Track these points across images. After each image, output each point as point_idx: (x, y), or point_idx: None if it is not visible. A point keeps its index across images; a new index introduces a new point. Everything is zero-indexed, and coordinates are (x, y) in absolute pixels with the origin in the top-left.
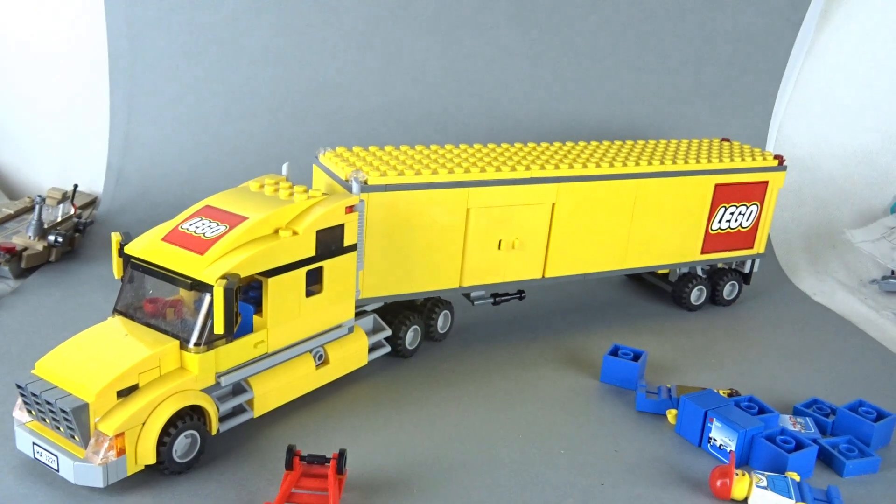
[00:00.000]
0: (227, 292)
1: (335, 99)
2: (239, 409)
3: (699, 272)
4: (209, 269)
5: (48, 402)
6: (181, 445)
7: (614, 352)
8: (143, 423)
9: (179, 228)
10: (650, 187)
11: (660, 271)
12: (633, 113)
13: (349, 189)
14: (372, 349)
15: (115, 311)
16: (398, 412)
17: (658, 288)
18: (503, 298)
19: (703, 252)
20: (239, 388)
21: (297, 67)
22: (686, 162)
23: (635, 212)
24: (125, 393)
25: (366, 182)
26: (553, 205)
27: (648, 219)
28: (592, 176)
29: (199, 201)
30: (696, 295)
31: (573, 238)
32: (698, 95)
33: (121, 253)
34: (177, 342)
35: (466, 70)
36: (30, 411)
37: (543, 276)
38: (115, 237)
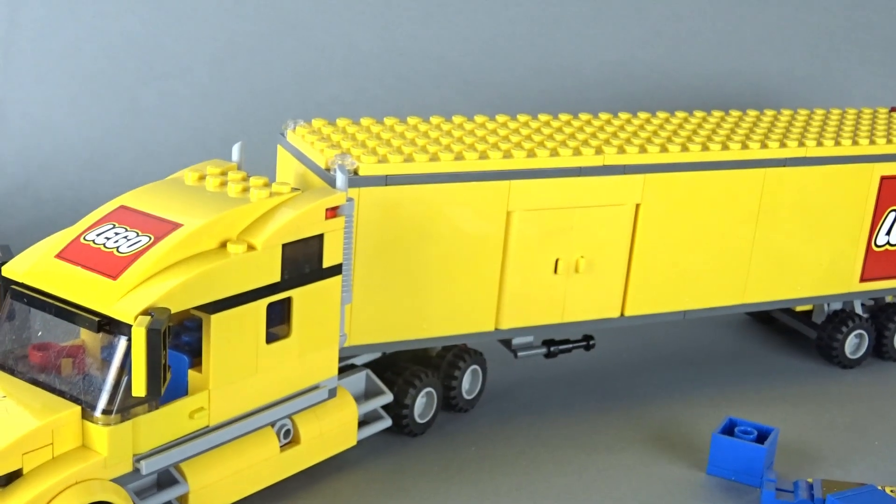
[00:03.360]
0: (152, 335)
1: (310, 47)
2: None
3: (858, 310)
4: (125, 300)
5: None
6: None
7: (729, 429)
8: None
9: (82, 240)
10: (783, 181)
11: (798, 308)
12: (756, 69)
13: (331, 182)
14: (364, 423)
15: None
16: None
17: (797, 333)
18: (562, 348)
19: (863, 279)
20: (168, 479)
21: None
22: (837, 143)
23: (761, 218)
24: (4, 482)
25: (356, 172)
26: (637, 206)
27: (781, 228)
28: (696, 164)
29: (110, 200)
30: (854, 344)
31: (667, 257)
32: (856, 45)
33: None
34: (77, 409)
35: (507, 4)
36: None
37: (622, 315)
38: None
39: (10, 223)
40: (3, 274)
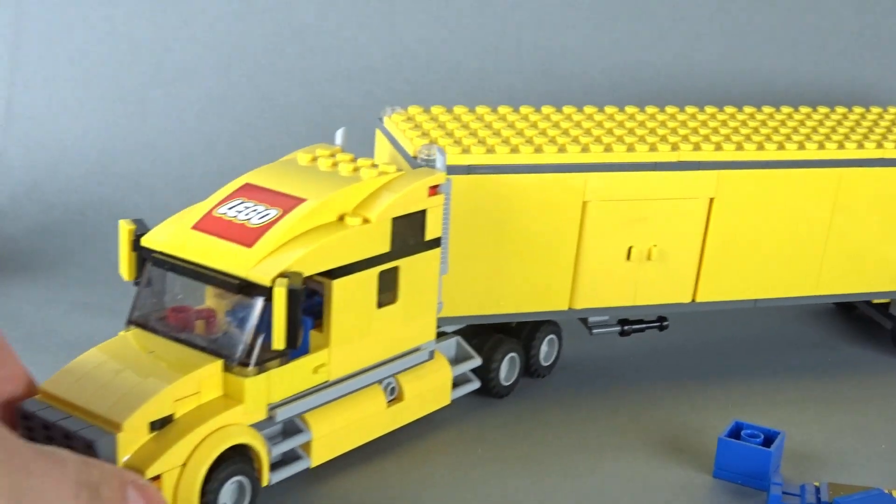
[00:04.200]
0: (293, 295)
1: (317, 50)
2: (291, 456)
3: None
4: (261, 265)
5: (66, 434)
6: (228, 495)
7: (735, 432)
8: (184, 465)
9: (214, 214)
10: (859, 180)
11: (875, 300)
12: (764, 70)
13: (415, 167)
14: (455, 384)
15: (131, 322)
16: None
17: (801, 335)
18: (636, 328)
19: None
20: (292, 428)
21: None
22: None
23: (835, 214)
24: (159, 425)
25: None
26: (711, 200)
27: (855, 225)
28: (771, 162)
29: (234, 179)
30: None
31: (740, 248)
32: (864, 45)
33: (135, 246)
34: (220, 362)
35: (513, 6)
36: None
37: (693, 300)
38: (126, 226)
39: (18, 225)
40: (143, 244)
